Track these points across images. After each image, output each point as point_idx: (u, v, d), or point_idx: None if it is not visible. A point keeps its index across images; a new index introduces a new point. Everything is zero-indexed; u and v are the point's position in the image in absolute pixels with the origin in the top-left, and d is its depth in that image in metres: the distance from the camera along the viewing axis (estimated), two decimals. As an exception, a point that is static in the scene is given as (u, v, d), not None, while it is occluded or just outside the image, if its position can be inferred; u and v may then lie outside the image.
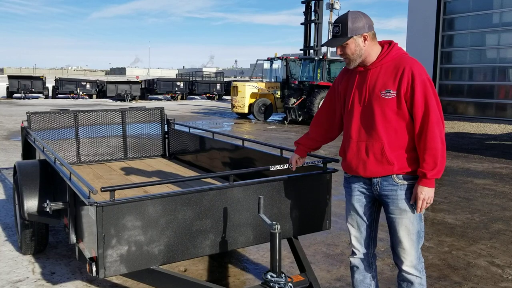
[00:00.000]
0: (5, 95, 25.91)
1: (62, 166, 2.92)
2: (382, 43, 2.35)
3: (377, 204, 2.48)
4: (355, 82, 2.38)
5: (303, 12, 19.06)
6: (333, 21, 21.45)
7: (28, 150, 4.74)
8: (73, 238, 2.73)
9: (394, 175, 2.30)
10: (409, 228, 2.33)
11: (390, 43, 2.35)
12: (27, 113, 4.72)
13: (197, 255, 2.57)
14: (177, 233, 2.45)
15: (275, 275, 2.42)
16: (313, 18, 18.69)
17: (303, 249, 3.00)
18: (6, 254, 3.86)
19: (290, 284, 2.44)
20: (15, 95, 25.74)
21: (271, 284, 2.41)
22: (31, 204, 3.31)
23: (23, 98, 25.07)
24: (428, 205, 2.29)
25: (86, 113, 5.02)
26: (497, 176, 7.38)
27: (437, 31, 18.08)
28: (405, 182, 2.31)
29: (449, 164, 8.15)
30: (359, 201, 2.46)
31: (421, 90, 2.21)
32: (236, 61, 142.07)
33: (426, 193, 2.25)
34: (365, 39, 2.27)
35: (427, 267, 3.56)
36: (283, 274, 2.45)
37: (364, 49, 2.28)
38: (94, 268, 2.27)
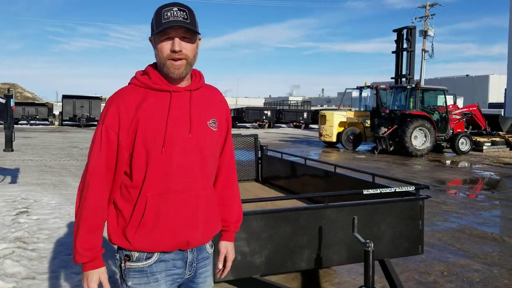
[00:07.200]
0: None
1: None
2: None
3: None
4: None
5: (395, 40, 18.89)
6: (426, 48, 20.53)
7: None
8: None
9: None
10: None
11: None
12: None
13: (293, 269, 2.78)
14: (277, 247, 2.69)
15: (368, 292, 2.53)
16: (405, 46, 18.45)
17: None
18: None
19: (383, 302, 2.54)
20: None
21: (365, 300, 2.52)
22: None
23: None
24: None
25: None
26: None
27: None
28: None
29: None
30: None
31: None
32: (323, 89, 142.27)
33: None
34: None
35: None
36: (376, 292, 2.55)
37: None
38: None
